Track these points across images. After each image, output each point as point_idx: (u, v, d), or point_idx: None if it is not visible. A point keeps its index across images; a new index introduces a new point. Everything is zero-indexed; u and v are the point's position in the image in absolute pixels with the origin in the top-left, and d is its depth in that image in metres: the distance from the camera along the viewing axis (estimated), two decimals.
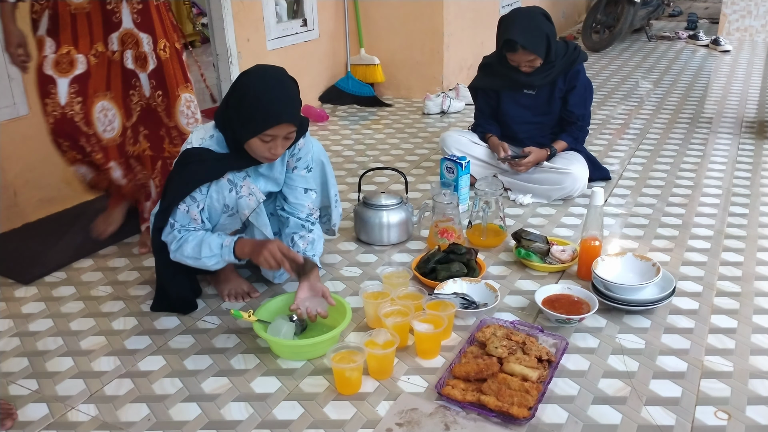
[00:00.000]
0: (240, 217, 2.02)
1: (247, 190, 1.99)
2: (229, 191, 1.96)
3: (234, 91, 1.91)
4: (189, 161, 1.94)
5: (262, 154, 1.93)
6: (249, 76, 1.90)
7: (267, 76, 1.89)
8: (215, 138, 1.97)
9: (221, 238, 1.95)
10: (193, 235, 1.94)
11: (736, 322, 2.00)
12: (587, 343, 1.92)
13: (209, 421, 1.65)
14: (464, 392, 1.67)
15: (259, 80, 1.87)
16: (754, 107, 4.39)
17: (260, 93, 1.85)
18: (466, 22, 4.86)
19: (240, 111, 1.88)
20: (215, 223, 2.01)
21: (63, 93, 2.32)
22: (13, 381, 1.81)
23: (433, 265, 2.25)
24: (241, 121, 1.88)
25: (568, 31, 7.16)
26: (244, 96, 1.87)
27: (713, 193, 2.98)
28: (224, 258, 1.94)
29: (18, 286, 2.31)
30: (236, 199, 1.97)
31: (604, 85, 5.03)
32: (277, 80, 1.89)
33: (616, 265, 2.15)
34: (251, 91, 1.86)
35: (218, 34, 3.76)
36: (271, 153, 1.93)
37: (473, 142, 3.04)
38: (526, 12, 2.82)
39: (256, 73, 1.90)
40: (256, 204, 2.01)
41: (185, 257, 1.95)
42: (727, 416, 1.63)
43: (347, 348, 1.78)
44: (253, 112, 1.85)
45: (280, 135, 1.89)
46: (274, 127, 1.86)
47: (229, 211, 1.99)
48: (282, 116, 1.86)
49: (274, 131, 1.87)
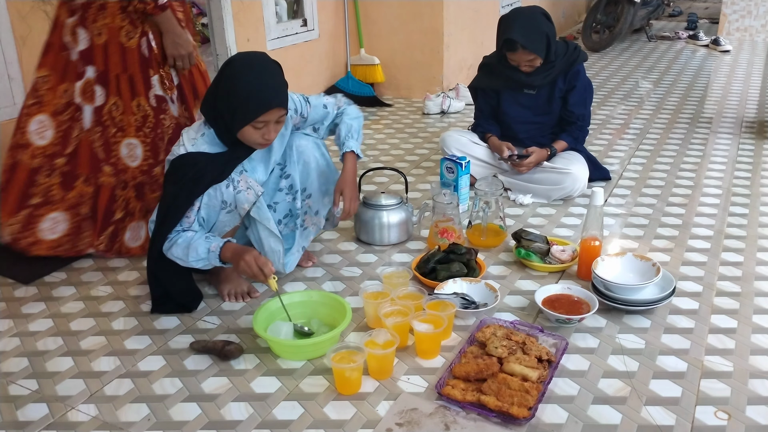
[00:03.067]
0: (239, 212, 2.02)
1: (244, 184, 1.99)
2: (226, 187, 1.96)
3: (221, 82, 1.93)
4: (185, 170, 1.94)
5: (256, 140, 1.95)
6: (232, 66, 1.92)
7: (252, 64, 1.91)
8: (206, 136, 1.98)
9: (209, 242, 1.94)
10: (183, 238, 1.95)
11: (736, 322, 2.00)
12: (587, 343, 1.92)
13: (209, 421, 1.65)
14: (464, 392, 1.67)
15: (245, 68, 1.90)
16: (754, 107, 4.39)
17: (248, 81, 1.87)
18: (466, 22, 4.85)
19: (230, 101, 1.89)
20: (214, 220, 2.01)
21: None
22: (13, 381, 1.81)
23: (433, 265, 2.25)
24: (232, 111, 1.90)
25: (568, 31, 7.16)
26: (232, 86, 1.89)
27: (713, 193, 2.98)
28: (211, 262, 1.95)
29: (18, 286, 2.31)
30: (234, 195, 1.97)
31: (604, 85, 5.03)
32: (262, 66, 1.92)
33: (616, 265, 2.15)
34: (239, 80, 1.88)
35: (218, 34, 3.77)
36: (265, 139, 1.95)
37: (473, 142, 3.05)
38: (526, 12, 2.82)
39: (240, 62, 1.92)
40: (254, 197, 2.01)
41: (174, 257, 1.97)
42: (727, 416, 1.63)
43: (347, 348, 1.78)
44: (243, 101, 1.88)
45: (272, 120, 1.93)
46: (266, 113, 1.89)
47: (227, 208, 1.99)
48: (272, 102, 1.89)
49: (265, 117, 1.90)
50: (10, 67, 2.64)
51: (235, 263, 1.93)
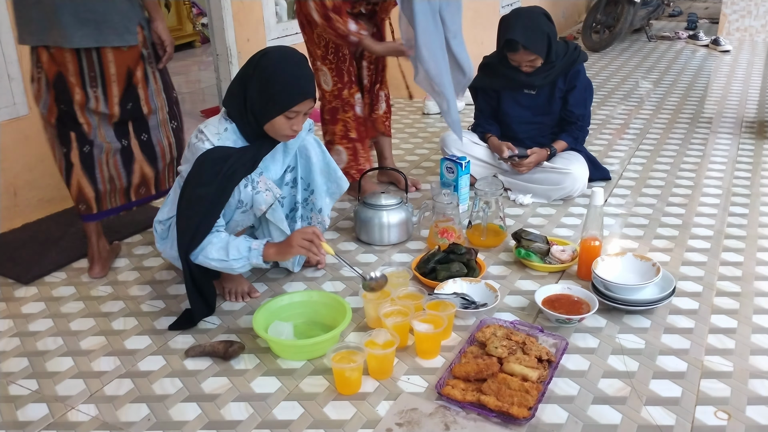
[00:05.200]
0: (255, 212, 2.01)
1: (264, 185, 1.99)
2: (244, 186, 1.96)
3: (254, 73, 1.93)
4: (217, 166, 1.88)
5: (285, 132, 1.97)
6: (268, 57, 1.94)
7: (286, 55, 1.96)
8: (230, 130, 1.98)
9: (248, 241, 1.95)
10: (218, 238, 1.94)
11: (736, 322, 2.01)
12: (587, 343, 1.92)
13: (209, 421, 1.65)
14: (464, 392, 1.67)
15: (281, 59, 1.94)
16: (754, 107, 4.39)
17: (285, 70, 1.92)
18: (465, 22, 4.82)
19: (264, 91, 1.91)
20: (228, 219, 2.00)
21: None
22: (13, 381, 1.81)
23: (433, 265, 2.25)
24: (264, 101, 1.92)
25: (568, 31, 7.15)
26: (269, 76, 1.91)
27: (713, 193, 2.98)
28: (251, 261, 1.95)
29: (18, 286, 2.31)
30: (252, 195, 1.97)
31: (604, 85, 5.03)
32: (297, 57, 1.97)
33: (616, 265, 2.15)
34: (275, 70, 1.91)
35: (218, 34, 3.77)
36: (293, 130, 1.98)
37: (473, 142, 3.04)
38: (527, 12, 2.82)
39: (276, 53, 1.96)
40: (273, 199, 2.01)
41: (210, 260, 1.93)
42: (727, 416, 1.63)
43: (347, 348, 1.78)
44: (281, 89, 1.91)
45: (303, 111, 1.96)
46: (302, 102, 1.93)
47: (243, 207, 1.99)
48: (308, 92, 1.94)
49: (299, 107, 1.94)
50: (10, 67, 2.64)
51: (286, 254, 1.96)
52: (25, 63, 2.68)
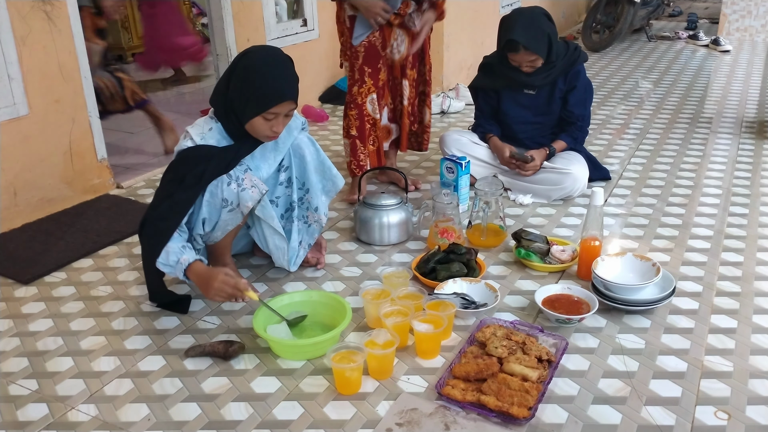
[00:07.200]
0: (242, 210, 2.02)
1: (249, 182, 1.99)
2: (227, 185, 1.96)
3: (234, 72, 1.94)
4: (192, 164, 1.92)
5: (264, 132, 1.97)
6: (249, 57, 1.95)
7: (267, 56, 1.95)
8: (214, 130, 1.99)
9: (183, 252, 1.92)
10: (175, 237, 1.94)
11: (736, 322, 2.01)
12: (587, 343, 1.92)
13: (209, 421, 1.65)
14: (464, 392, 1.67)
15: (260, 60, 1.93)
16: (754, 107, 4.39)
17: (262, 72, 1.91)
18: (466, 22, 4.85)
19: (243, 91, 1.92)
20: (216, 219, 2.00)
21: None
22: (13, 381, 1.81)
23: (433, 265, 2.25)
24: (244, 101, 1.92)
25: (568, 31, 7.15)
26: (246, 76, 1.91)
27: (713, 193, 2.98)
28: (175, 273, 1.93)
29: (18, 286, 2.31)
30: (238, 192, 1.97)
31: (604, 85, 5.03)
32: (277, 59, 1.96)
33: (616, 265, 2.15)
34: (253, 71, 1.91)
35: (218, 34, 3.77)
36: (273, 131, 1.98)
37: (473, 142, 3.04)
38: (527, 12, 2.82)
39: (255, 54, 1.96)
40: (259, 195, 2.01)
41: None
42: (727, 416, 1.63)
43: (347, 348, 1.77)
44: (256, 91, 1.90)
45: (282, 113, 1.95)
46: (278, 105, 1.92)
47: (229, 206, 1.99)
48: (286, 94, 1.93)
49: (277, 109, 1.93)
50: (10, 67, 2.64)
51: (204, 289, 1.90)
52: (24, 63, 2.68)
